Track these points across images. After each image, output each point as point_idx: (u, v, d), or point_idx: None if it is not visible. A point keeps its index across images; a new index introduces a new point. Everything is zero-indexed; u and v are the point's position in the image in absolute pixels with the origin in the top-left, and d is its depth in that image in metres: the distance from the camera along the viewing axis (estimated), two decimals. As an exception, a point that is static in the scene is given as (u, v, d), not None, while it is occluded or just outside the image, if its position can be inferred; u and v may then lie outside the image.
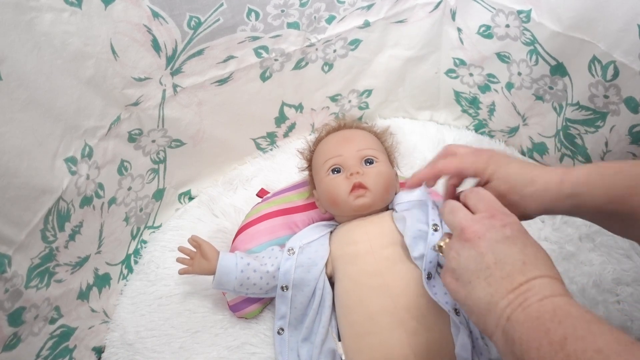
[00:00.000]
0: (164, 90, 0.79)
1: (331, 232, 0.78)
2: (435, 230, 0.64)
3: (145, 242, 0.92)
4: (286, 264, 0.73)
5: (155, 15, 0.70)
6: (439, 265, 0.65)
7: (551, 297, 0.41)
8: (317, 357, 0.70)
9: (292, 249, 0.74)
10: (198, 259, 0.75)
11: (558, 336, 0.37)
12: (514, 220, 0.48)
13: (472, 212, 0.50)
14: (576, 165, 0.55)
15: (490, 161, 0.56)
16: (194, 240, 0.77)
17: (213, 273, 0.74)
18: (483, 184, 0.56)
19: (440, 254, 0.52)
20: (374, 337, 0.64)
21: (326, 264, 0.73)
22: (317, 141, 0.84)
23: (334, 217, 0.80)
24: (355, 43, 0.90)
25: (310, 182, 0.83)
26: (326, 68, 0.92)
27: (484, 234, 0.46)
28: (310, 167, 0.83)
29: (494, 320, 0.43)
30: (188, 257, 0.77)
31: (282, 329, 0.74)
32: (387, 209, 0.77)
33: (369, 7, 0.85)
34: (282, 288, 0.73)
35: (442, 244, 0.52)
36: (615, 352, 0.34)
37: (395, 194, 0.78)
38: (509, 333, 0.41)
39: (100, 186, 0.75)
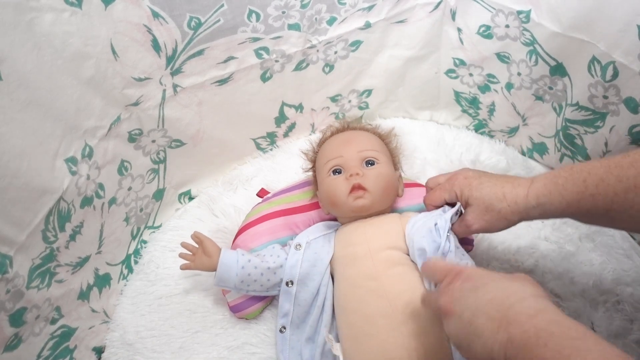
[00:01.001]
0: (164, 90, 0.79)
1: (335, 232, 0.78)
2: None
3: (145, 242, 0.92)
4: (293, 257, 0.74)
5: (155, 15, 0.70)
6: None
7: (530, 320, 0.42)
8: (319, 357, 0.70)
9: (300, 245, 0.75)
10: (200, 255, 0.76)
11: None
12: (469, 270, 0.52)
13: (435, 284, 0.56)
14: (539, 175, 0.62)
15: (464, 185, 0.65)
16: (196, 237, 0.77)
17: (214, 269, 0.74)
18: (464, 206, 0.66)
19: None
20: (371, 339, 0.64)
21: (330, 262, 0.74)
22: (321, 142, 0.84)
23: (337, 218, 0.80)
24: (356, 44, 0.90)
25: (314, 183, 0.84)
26: (327, 69, 0.92)
27: (452, 299, 0.50)
28: (314, 168, 0.84)
29: None
30: (190, 253, 0.77)
31: (284, 327, 0.74)
32: (391, 210, 0.78)
33: (370, 8, 0.85)
34: (287, 283, 0.73)
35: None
36: None
37: (399, 196, 0.78)
38: None
39: (101, 186, 0.75)
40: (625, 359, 0.35)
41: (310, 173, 0.86)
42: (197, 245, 0.77)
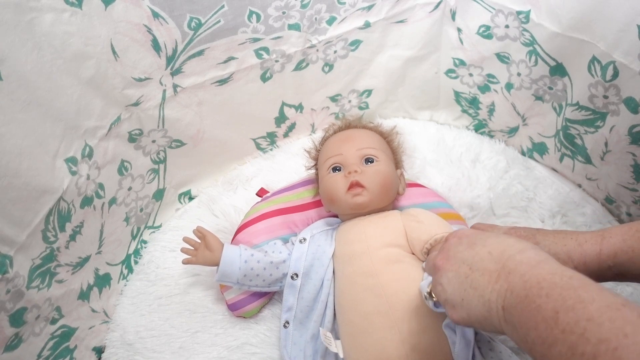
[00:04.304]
0: (164, 91, 0.79)
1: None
2: None
3: (145, 242, 0.92)
4: (298, 251, 0.75)
5: (156, 15, 0.70)
6: None
7: (531, 270, 0.40)
8: (322, 354, 0.70)
9: (304, 238, 0.76)
10: (202, 249, 0.76)
11: (549, 311, 0.36)
12: (464, 230, 0.50)
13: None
14: (611, 228, 0.53)
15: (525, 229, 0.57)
16: (199, 231, 0.77)
17: (216, 264, 0.74)
18: None
19: (433, 298, 0.54)
20: (369, 337, 0.65)
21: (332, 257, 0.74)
22: (323, 140, 0.85)
23: (338, 216, 0.81)
24: (356, 44, 0.90)
25: (317, 181, 0.84)
26: (327, 69, 0.92)
27: (448, 255, 0.49)
28: (317, 166, 0.84)
29: (495, 317, 0.42)
30: (192, 248, 0.77)
31: (288, 322, 0.74)
32: (392, 208, 0.78)
33: (369, 7, 0.85)
34: (292, 277, 0.74)
35: (429, 289, 0.54)
36: (607, 318, 0.33)
37: (399, 194, 0.79)
38: (509, 321, 0.40)
39: (101, 186, 0.75)
40: (628, 305, 0.34)
41: (312, 171, 0.86)
42: (199, 241, 0.77)
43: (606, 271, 0.51)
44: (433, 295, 0.53)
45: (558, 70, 0.79)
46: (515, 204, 0.89)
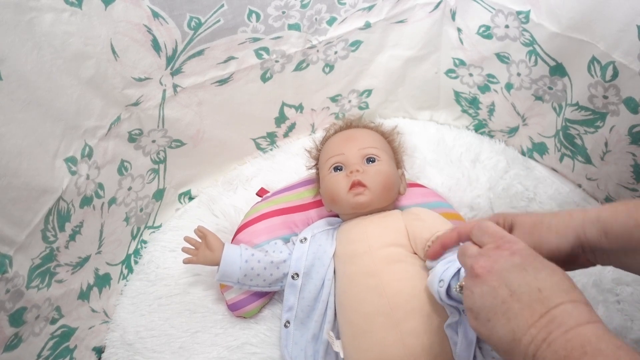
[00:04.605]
0: (164, 90, 0.79)
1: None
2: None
3: (145, 242, 0.92)
4: (299, 250, 0.75)
5: (156, 15, 0.70)
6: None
7: (577, 327, 0.38)
8: (323, 354, 0.70)
9: (305, 238, 0.76)
10: (203, 249, 0.76)
11: None
12: (521, 246, 0.45)
13: (480, 247, 0.48)
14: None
15: (508, 213, 0.55)
16: (200, 231, 0.77)
17: (217, 264, 0.74)
18: (508, 231, 0.53)
19: (459, 290, 0.50)
20: (370, 336, 0.65)
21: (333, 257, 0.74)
22: (324, 140, 0.85)
23: (339, 215, 0.81)
24: (356, 44, 0.90)
25: (317, 180, 0.84)
26: (327, 69, 0.92)
27: (492, 267, 0.44)
28: (317, 166, 0.84)
29: (519, 357, 0.40)
30: (193, 248, 0.77)
31: (288, 322, 0.74)
32: (393, 208, 0.78)
33: (370, 8, 0.85)
34: (292, 276, 0.74)
35: (463, 283, 0.49)
36: None
37: (400, 194, 0.79)
38: None
39: (100, 186, 0.76)
40: None
41: (313, 171, 0.86)
42: (200, 240, 0.77)
43: (590, 225, 0.49)
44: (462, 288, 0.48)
45: (558, 70, 0.79)
46: (515, 204, 0.89)
